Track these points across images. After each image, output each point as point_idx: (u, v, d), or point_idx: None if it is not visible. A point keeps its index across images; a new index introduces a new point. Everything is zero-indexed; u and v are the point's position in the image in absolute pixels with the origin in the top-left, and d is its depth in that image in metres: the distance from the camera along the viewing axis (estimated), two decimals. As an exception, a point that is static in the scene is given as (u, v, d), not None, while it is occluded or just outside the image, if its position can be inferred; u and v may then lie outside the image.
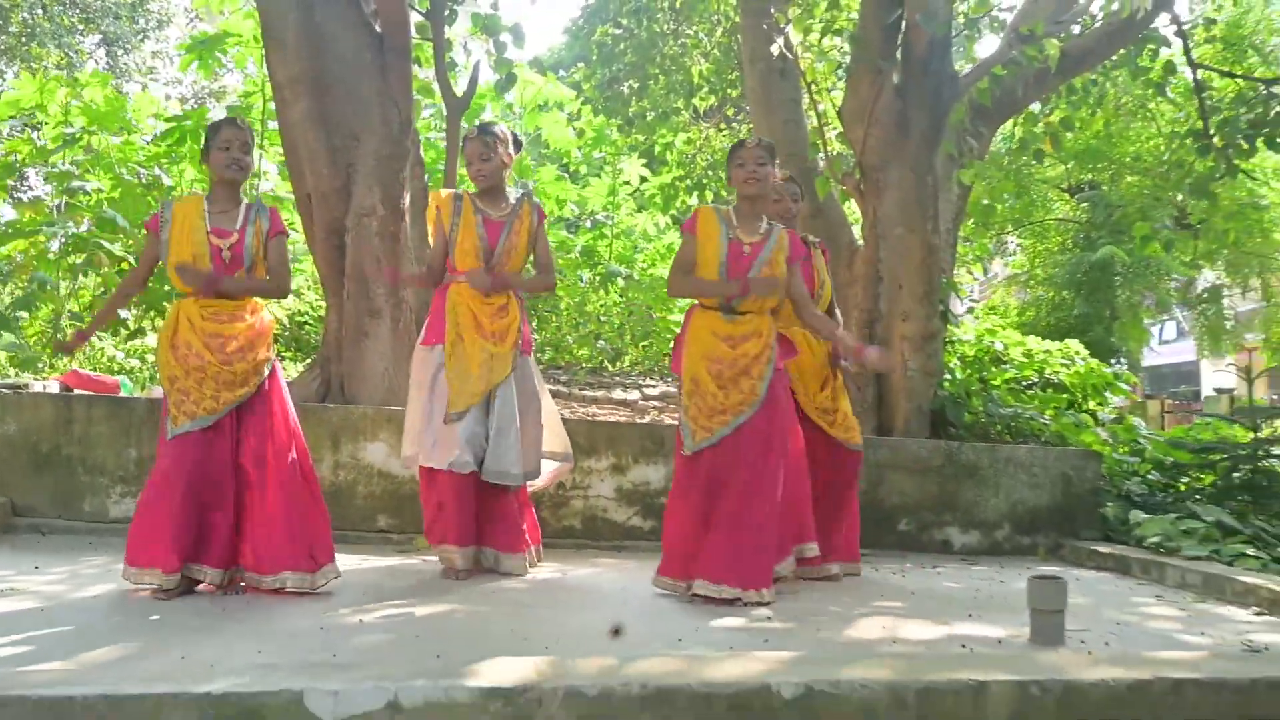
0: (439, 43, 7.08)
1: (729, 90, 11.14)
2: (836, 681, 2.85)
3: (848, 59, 7.58)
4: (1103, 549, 6.06)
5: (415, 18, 7.05)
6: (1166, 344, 29.43)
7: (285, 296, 4.82)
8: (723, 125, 11.85)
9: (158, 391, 6.25)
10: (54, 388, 6.08)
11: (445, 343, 4.65)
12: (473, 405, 4.59)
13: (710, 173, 11.53)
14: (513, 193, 4.95)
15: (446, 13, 7.15)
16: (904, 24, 6.86)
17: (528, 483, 4.94)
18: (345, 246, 6.50)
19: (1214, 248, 14.69)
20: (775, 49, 7.33)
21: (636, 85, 10.43)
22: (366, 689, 2.61)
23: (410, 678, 2.68)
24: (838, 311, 5.48)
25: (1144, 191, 14.79)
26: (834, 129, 8.04)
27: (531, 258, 4.96)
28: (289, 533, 4.13)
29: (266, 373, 4.25)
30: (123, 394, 6.39)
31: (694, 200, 11.76)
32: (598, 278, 11.71)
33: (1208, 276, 17.25)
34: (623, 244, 12.70)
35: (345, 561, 4.56)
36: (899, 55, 6.99)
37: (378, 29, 6.73)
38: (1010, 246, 17.43)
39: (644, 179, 13.03)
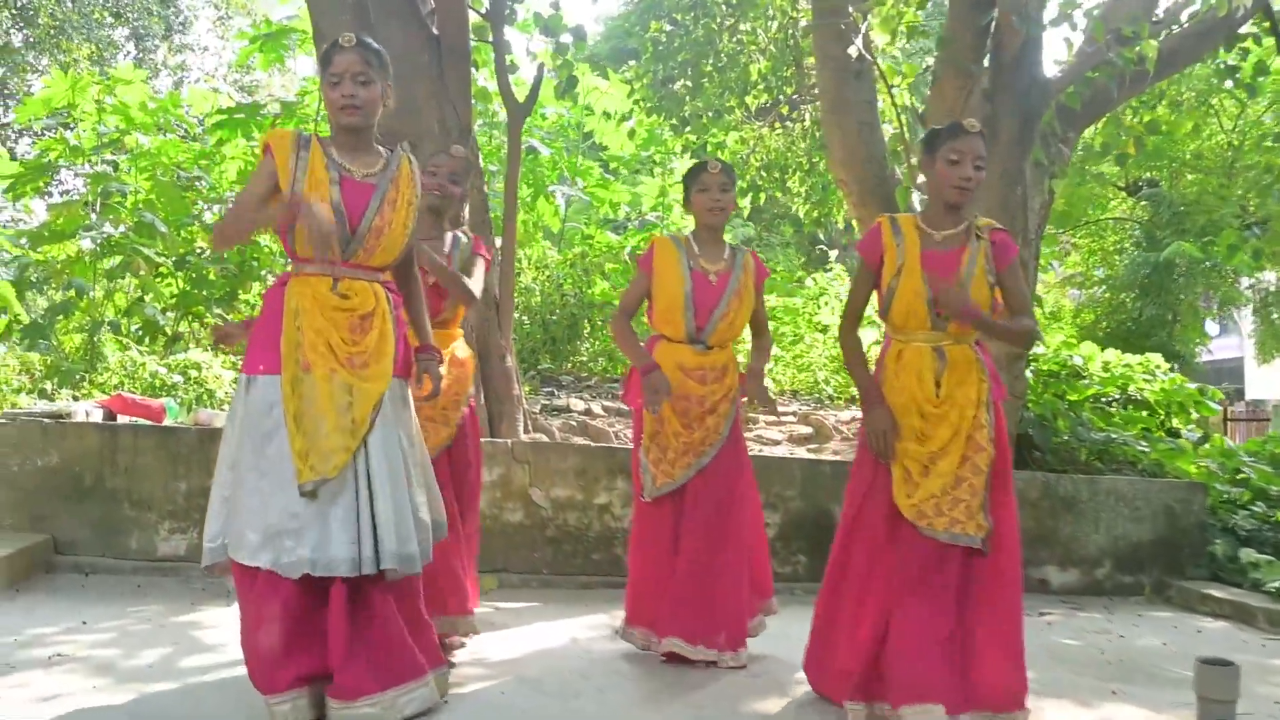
0: (499, 44, 6.69)
1: (784, 88, 10.71)
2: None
3: (931, 61, 7.15)
4: (1218, 593, 5.64)
5: (473, 18, 6.67)
6: (1218, 336, 28.71)
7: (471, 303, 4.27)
8: (776, 124, 11.40)
9: (204, 415, 5.91)
10: (96, 413, 5.73)
11: (282, 374, 3.07)
12: (329, 477, 2.99)
13: (764, 174, 11.10)
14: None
15: (507, 11, 6.75)
16: (994, 25, 6.41)
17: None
18: (402, 261, 6.13)
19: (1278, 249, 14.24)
20: (853, 50, 6.90)
21: (690, 84, 10.00)
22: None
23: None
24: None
25: (1207, 190, 14.25)
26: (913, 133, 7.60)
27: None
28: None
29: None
30: (169, 418, 6.04)
31: (745, 202, 11.35)
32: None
33: (1268, 277, 16.68)
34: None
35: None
36: (988, 57, 6.56)
37: (434, 30, 6.35)
38: (1064, 246, 16.90)
39: (695, 179, 12.61)
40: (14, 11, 20.60)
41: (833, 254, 14.83)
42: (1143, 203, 16.11)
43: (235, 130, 10.60)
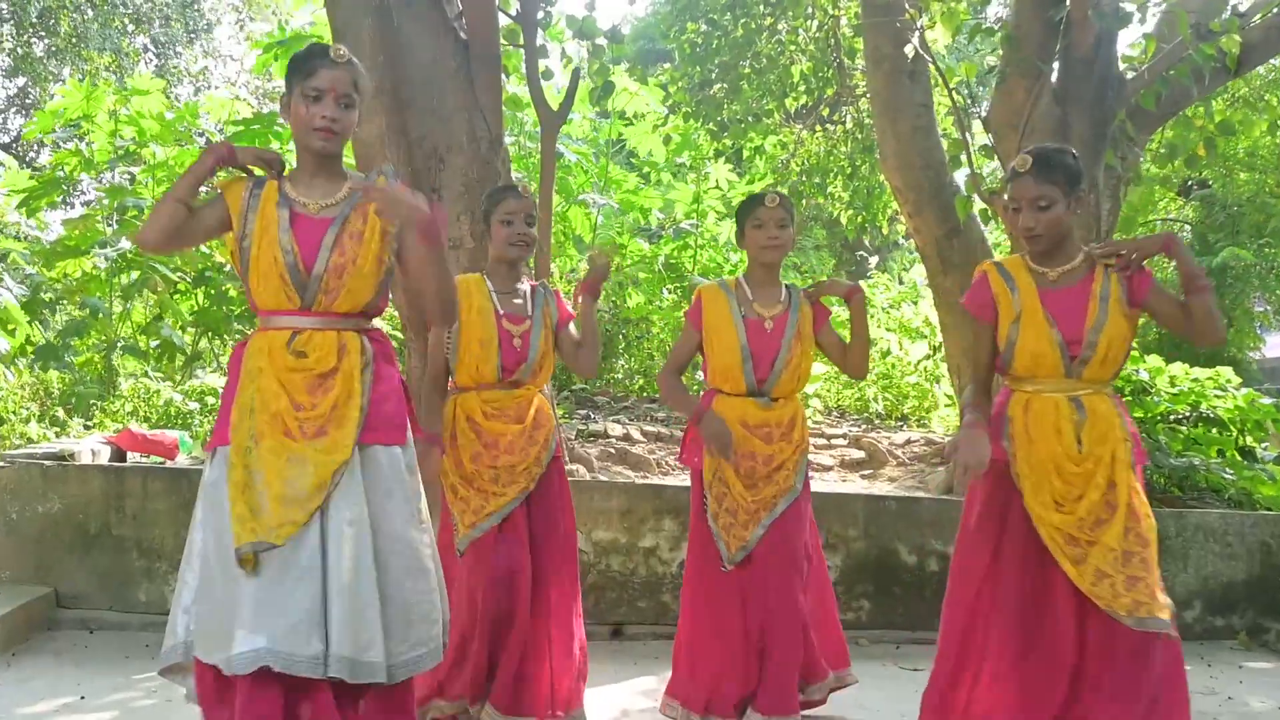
0: (531, 49, 6.26)
1: (825, 89, 10.26)
2: None
3: (993, 60, 6.68)
4: (1324, 640, 5.16)
5: (504, 21, 6.25)
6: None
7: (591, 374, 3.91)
8: (818, 127, 10.95)
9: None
10: (104, 451, 5.34)
11: (230, 443, 2.65)
12: (276, 544, 2.52)
13: (804, 179, 10.65)
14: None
15: (540, 15, 6.33)
16: (1065, 21, 5.94)
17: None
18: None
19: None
20: (909, 50, 6.44)
21: (728, 86, 9.56)
22: None
23: None
24: None
25: (1263, 190, 13.70)
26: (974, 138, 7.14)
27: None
28: None
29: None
30: (182, 454, 5.65)
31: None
32: (680, 291, 10.89)
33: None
34: (709, 253, 11.84)
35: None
36: (1058, 55, 6.09)
37: (463, 35, 5.93)
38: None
39: (731, 184, 12.18)
40: (34, 22, 20.39)
41: (872, 260, 14.38)
42: (1194, 203, 15.56)
43: (253, 140, 10.27)
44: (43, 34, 20.96)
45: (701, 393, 3.83)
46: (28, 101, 22.86)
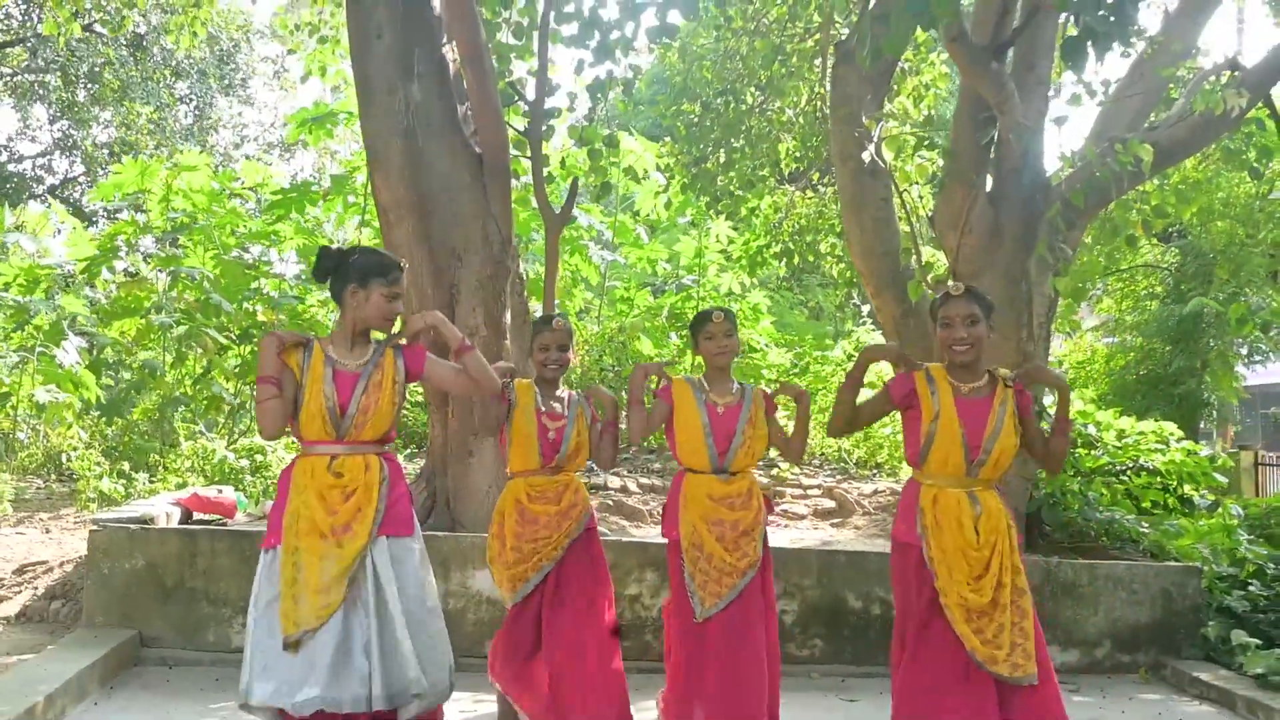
0: (537, 160, 7.25)
1: (812, 156, 11.15)
2: None
3: (939, 167, 7.62)
4: (1205, 676, 6.03)
5: (512, 134, 7.23)
6: (1257, 362, 28.39)
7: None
8: (808, 190, 11.88)
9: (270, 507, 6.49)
10: (175, 512, 6.33)
11: (282, 544, 3.67)
12: (310, 628, 3.56)
13: (796, 238, 11.54)
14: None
15: (544, 127, 7.31)
16: (995, 140, 6.88)
17: None
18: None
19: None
20: (866, 156, 7.39)
21: (722, 160, 10.50)
22: None
23: None
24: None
25: (1234, 240, 14.51)
26: (925, 231, 8.08)
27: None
28: None
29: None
30: (240, 513, 6.64)
31: (780, 264, 11.83)
32: (684, 340, 11.82)
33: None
34: (710, 304, 12.77)
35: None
36: (990, 166, 7.03)
37: (477, 150, 6.90)
38: (1095, 294, 17.19)
39: (730, 239, 13.12)
40: (78, 74, 21.54)
41: (865, 308, 15.25)
42: (1173, 249, 16.34)
43: (289, 208, 11.27)
44: (88, 82, 22.10)
45: (675, 475, 4.73)
46: (70, 144, 24.01)
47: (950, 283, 4.09)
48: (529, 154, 7.32)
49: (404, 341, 3.97)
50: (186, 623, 5.82)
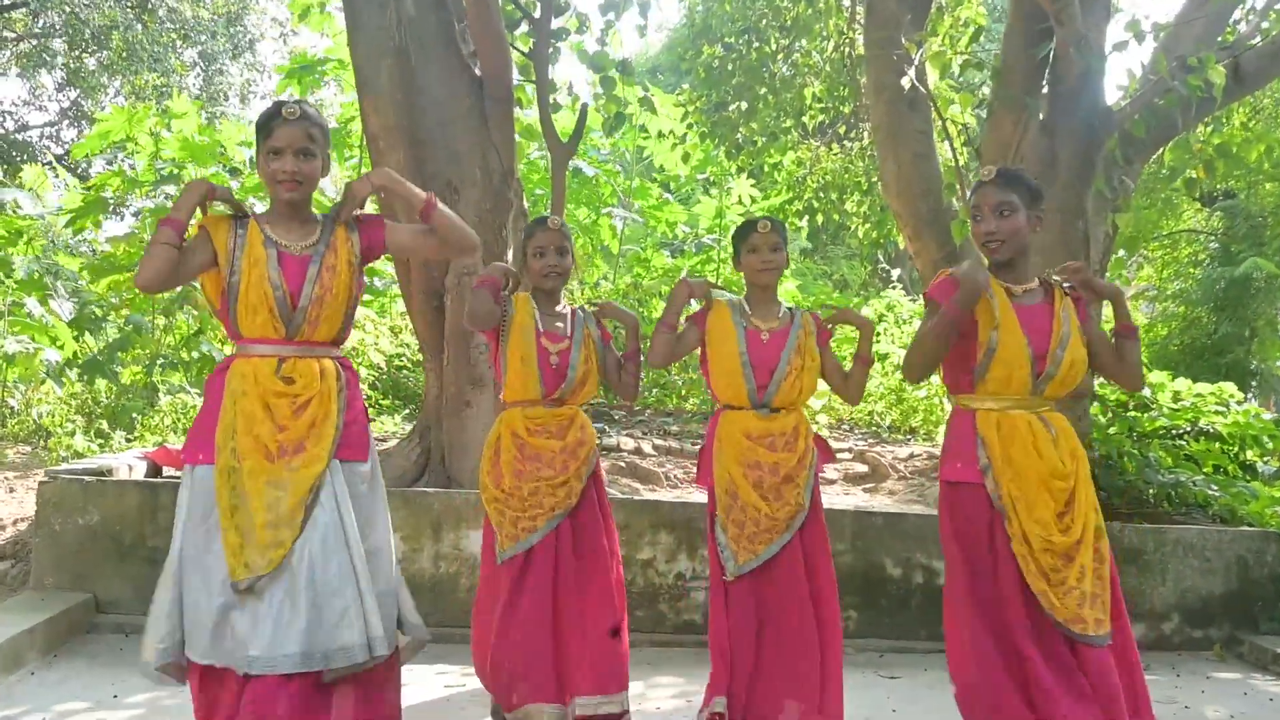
0: (543, 85, 6.59)
1: (840, 107, 10.51)
2: None
3: (986, 92, 6.93)
4: (1291, 653, 5.37)
5: (516, 56, 6.58)
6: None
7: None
8: (834, 144, 11.21)
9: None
10: (140, 466, 5.73)
11: (216, 463, 2.95)
12: (263, 573, 2.88)
13: (821, 195, 10.90)
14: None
15: (551, 50, 6.65)
16: (1052, 55, 6.19)
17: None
18: (445, 309, 6.06)
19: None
20: (906, 81, 6.71)
21: (745, 107, 9.85)
22: None
23: None
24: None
25: (1286, 200, 13.82)
26: (970, 165, 7.40)
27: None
28: None
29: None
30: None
31: (803, 223, 11.16)
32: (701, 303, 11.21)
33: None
34: (731, 267, 12.15)
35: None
36: (1045, 89, 6.34)
37: (477, 73, 6.26)
38: (1136, 260, 16.46)
39: (753, 199, 12.47)
40: (85, 39, 21.01)
41: (895, 272, 14.59)
42: (1218, 214, 15.63)
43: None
44: (95, 49, 21.57)
45: (713, 412, 4.09)
46: (79, 113, 23.51)
47: (983, 168, 3.40)
48: (533, 78, 6.66)
49: (358, 214, 3.25)
50: (147, 585, 5.11)
